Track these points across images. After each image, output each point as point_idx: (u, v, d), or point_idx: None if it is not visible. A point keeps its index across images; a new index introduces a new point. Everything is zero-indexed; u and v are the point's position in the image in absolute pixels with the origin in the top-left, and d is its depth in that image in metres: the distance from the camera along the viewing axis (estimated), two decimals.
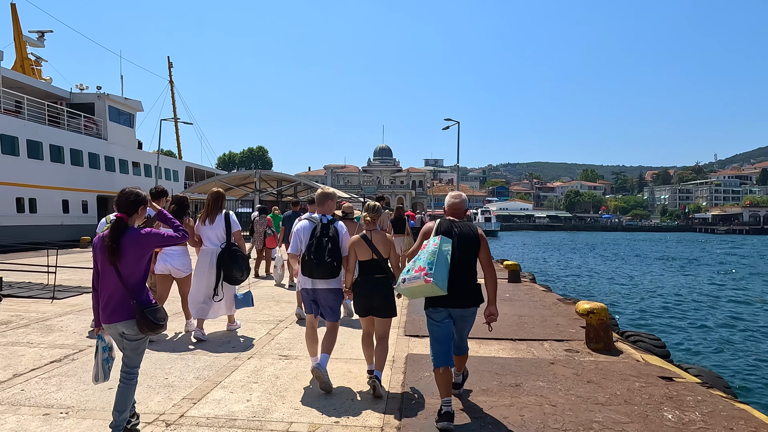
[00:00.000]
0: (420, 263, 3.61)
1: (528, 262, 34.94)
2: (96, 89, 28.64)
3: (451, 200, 4.16)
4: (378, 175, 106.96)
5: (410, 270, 3.67)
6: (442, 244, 3.67)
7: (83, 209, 25.51)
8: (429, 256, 3.60)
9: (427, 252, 3.65)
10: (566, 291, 19.62)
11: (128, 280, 3.15)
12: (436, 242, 3.69)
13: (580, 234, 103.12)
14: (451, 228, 3.87)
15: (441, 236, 3.75)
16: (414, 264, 3.68)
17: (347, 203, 7.84)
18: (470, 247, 3.85)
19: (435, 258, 3.57)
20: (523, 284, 11.68)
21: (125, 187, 3.37)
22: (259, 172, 27.60)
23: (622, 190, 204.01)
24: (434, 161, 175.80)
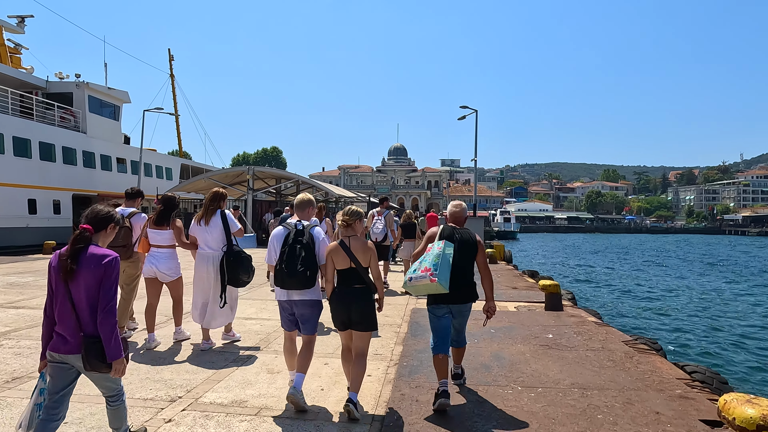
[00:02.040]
0: (426, 264, 4.12)
1: (555, 269, 31.46)
2: (75, 77, 26.03)
3: (452, 209, 4.74)
4: (392, 175, 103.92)
5: (417, 270, 4.17)
6: (446, 248, 4.20)
7: (54, 210, 22.86)
8: (434, 258, 4.11)
9: (432, 254, 4.16)
10: (626, 322, 14.88)
11: (80, 307, 2.73)
12: (440, 246, 4.20)
13: (603, 236, 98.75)
14: (453, 234, 4.42)
15: (444, 241, 4.28)
16: (420, 264, 4.18)
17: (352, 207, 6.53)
18: (469, 252, 4.46)
19: (439, 260, 4.08)
20: (567, 314, 8.49)
21: (98, 203, 3.06)
22: (252, 168, 24.71)
23: (644, 190, 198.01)
24: (451, 161, 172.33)
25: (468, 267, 4.48)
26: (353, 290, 4.04)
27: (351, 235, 4.14)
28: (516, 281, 12.71)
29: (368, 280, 4.08)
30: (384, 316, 8.10)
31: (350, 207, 4.35)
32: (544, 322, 7.73)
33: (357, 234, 4.17)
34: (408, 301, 9.61)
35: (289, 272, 3.99)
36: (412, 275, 4.19)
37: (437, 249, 4.17)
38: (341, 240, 4.11)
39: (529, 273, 16.04)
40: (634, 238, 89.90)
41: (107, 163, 26.96)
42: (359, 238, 4.14)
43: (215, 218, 5.60)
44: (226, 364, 5.32)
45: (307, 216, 4.39)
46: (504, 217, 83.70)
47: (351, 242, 4.09)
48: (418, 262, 4.26)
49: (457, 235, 4.41)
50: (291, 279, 4.00)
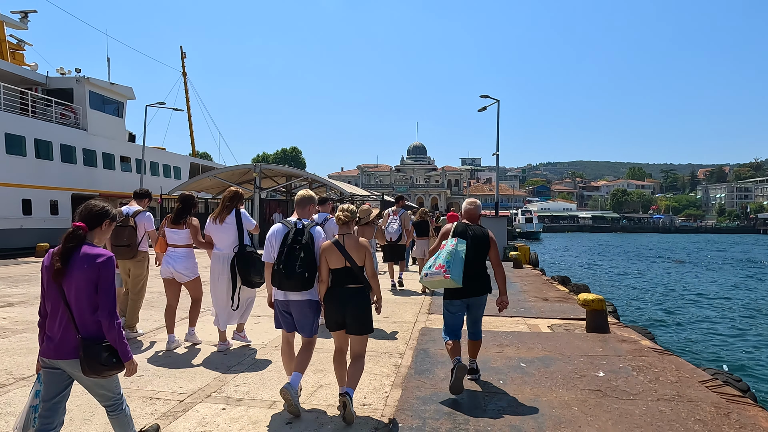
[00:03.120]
0: (440, 261, 4.35)
1: (586, 273, 29.33)
2: (75, 72, 24.97)
3: (466, 206, 4.88)
4: (411, 174, 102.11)
5: (431, 266, 4.40)
6: (458, 245, 4.39)
7: (51, 210, 21.77)
8: (447, 255, 4.33)
9: (445, 251, 4.37)
10: (688, 346, 11.97)
11: (75, 309, 2.61)
12: (453, 243, 4.41)
13: (630, 236, 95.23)
14: (466, 230, 4.58)
15: (457, 238, 4.47)
16: (435, 261, 4.40)
17: (366, 205, 6.90)
18: (482, 248, 4.60)
19: (452, 257, 4.30)
20: (616, 337, 6.71)
21: (92, 199, 2.89)
22: (259, 165, 23.28)
23: (672, 189, 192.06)
24: (471, 160, 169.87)
25: (481, 262, 4.64)
26: (348, 290, 3.91)
27: (346, 233, 4.00)
28: (546, 290, 10.93)
29: (363, 279, 3.94)
30: (383, 338, 6.47)
31: (349, 204, 4.18)
32: (588, 350, 5.99)
33: (351, 232, 4.03)
34: (417, 316, 7.96)
35: (287, 273, 3.86)
36: (427, 271, 4.44)
37: (450, 246, 4.40)
38: (335, 238, 3.98)
39: (559, 279, 14.20)
40: (662, 238, 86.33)
41: (110, 162, 25.85)
42: (353, 236, 4.01)
43: (230, 217, 5.49)
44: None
45: (308, 214, 4.29)
46: (526, 216, 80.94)
47: (345, 240, 3.95)
48: (433, 258, 4.48)
49: (470, 232, 4.59)
50: (289, 280, 3.86)
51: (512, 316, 8.07)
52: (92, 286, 2.63)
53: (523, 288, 11.24)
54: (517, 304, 9.13)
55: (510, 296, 9.79)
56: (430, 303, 9.17)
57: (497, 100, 21.16)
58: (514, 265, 15.44)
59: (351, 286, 3.91)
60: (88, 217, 2.76)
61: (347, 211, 4.04)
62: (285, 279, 3.87)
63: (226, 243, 5.51)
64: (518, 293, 10.42)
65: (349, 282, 3.91)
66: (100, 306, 2.63)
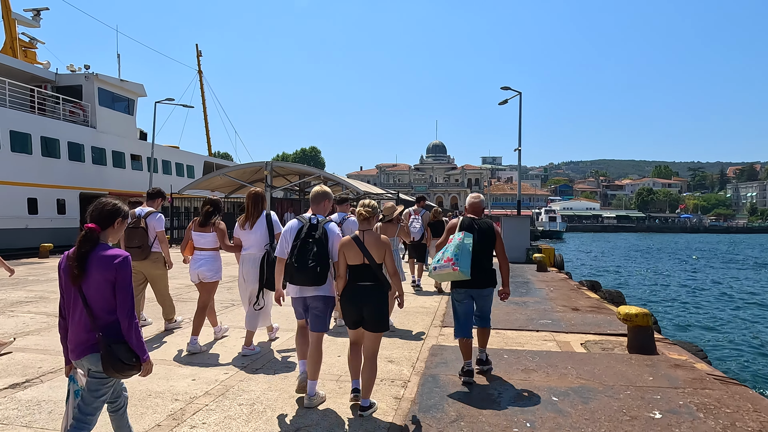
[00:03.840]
0: (448, 254, 4.44)
1: (614, 277, 27.84)
2: (84, 68, 24.48)
3: (471, 200, 5.01)
4: (430, 173, 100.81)
5: (440, 260, 4.48)
6: (465, 239, 4.51)
7: (59, 209, 21.26)
8: (455, 248, 4.44)
9: (453, 245, 4.48)
10: (752, 369, 10.48)
11: (94, 307, 2.63)
12: (460, 237, 4.52)
13: (657, 236, 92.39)
14: (472, 224, 4.70)
15: (464, 232, 4.59)
16: (443, 254, 4.50)
17: (388, 204, 7.35)
18: (488, 241, 4.72)
19: (460, 250, 4.42)
20: (666, 360, 5.56)
21: (102, 198, 2.84)
22: (270, 163, 22.47)
23: (700, 187, 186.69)
24: (492, 159, 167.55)
25: (487, 254, 4.74)
26: (365, 287, 3.85)
27: (366, 229, 3.97)
28: (575, 298, 9.77)
29: (382, 276, 3.89)
30: (385, 360, 5.45)
31: (371, 200, 4.12)
32: (635, 379, 4.86)
33: (372, 228, 4.01)
34: (429, 329, 6.91)
35: (299, 267, 3.86)
36: (436, 265, 4.53)
37: (458, 239, 4.53)
38: (355, 234, 3.95)
39: (588, 284, 12.96)
40: (691, 238, 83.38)
41: (120, 160, 25.32)
42: (374, 233, 3.98)
43: (260, 220, 5.39)
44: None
45: (322, 210, 4.26)
46: (549, 216, 78.95)
47: (365, 237, 3.91)
48: (441, 252, 4.58)
49: (476, 226, 4.70)
50: (300, 274, 3.87)
51: (538, 330, 6.96)
52: (110, 286, 2.64)
53: (549, 295, 10.09)
54: (544, 315, 8.01)
55: (536, 305, 8.68)
56: (444, 313, 8.11)
57: (519, 92, 19.93)
58: (538, 268, 14.24)
59: (368, 283, 3.84)
60: (99, 217, 2.74)
61: (368, 206, 3.99)
62: (296, 272, 3.87)
63: (255, 245, 5.42)
64: (544, 301, 9.29)
65: (366, 279, 3.85)
66: (119, 306, 2.65)
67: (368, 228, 3.97)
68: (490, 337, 5.27)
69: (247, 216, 5.42)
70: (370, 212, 3.98)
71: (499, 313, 8.06)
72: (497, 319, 7.53)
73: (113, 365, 2.60)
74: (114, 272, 2.63)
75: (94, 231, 2.67)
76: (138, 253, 6.06)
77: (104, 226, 2.74)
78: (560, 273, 14.39)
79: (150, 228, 6.23)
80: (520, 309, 8.50)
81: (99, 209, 2.75)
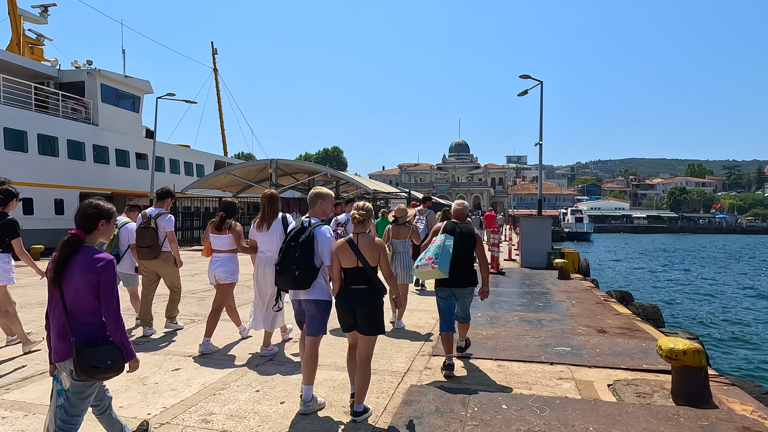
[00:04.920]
0: (429, 254, 4.82)
1: (646, 284, 25.79)
2: (86, 64, 23.76)
3: (455, 207, 5.41)
4: (453, 173, 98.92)
5: (422, 259, 4.85)
6: (446, 240, 4.91)
7: (56, 209, 20.52)
8: (436, 249, 4.83)
9: (434, 246, 4.88)
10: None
11: (73, 310, 2.65)
12: (441, 238, 4.93)
13: (691, 237, 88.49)
14: (454, 228, 5.11)
15: (446, 234, 5.00)
16: (425, 254, 4.88)
17: (401, 206, 7.31)
18: (468, 244, 5.10)
19: (440, 251, 4.79)
20: (727, 416, 4.03)
21: (86, 200, 2.85)
22: (275, 161, 21.31)
23: (736, 186, 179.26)
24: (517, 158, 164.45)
25: (468, 256, 5.12)
26: (358, 291, 3.84)
27: (360, 231, 3.95)
28: (601, 314, 8.22)
29: (377, 280, 3.87)
30: (343, 412, 4.08)
31: (365, 203, 4.09)
32: None
33: (367, 231, 3.98)
34: (413, 361, 5.51)
35: (280, 270, 3.90)
36: (418, 263, 4.88)
37: (439, 241, 4.92)
38: (349, 237, 3.92)
39: (617, 296, 11.32)
40: (729, 239, 79.50)
41: (124, 159, 24.55)
42: (368, 235, 3.95)
43: (276, 222, 5.37)
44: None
45: (319, 212, 4.18)
46: (576, 216, 76.00)
47: (359, 239, 3.89)
48: (424, 252, 4.97)
49: (458, 229, 5.12)
50: (281, 277, 3.91)
51: (553, 363, 5.49)
52: (91, 289, 2.65)
53: (570, 310, 8.56)
54: (562, 338, 6.52)
55: (553, 324, 7.19)
56: (434, 344, 6.68)
57: (540, 81, 18.30)
58: (560, 276, 12.65)
59: (362, 287, 3.83)
60: (81, 221, 2.75)
61: (362, 209, 4.00)
62: (278, 276, 3.91)
63: (272, 246, 5.35)
64: (564, 319, 7.78)
65: (360, 282, 3.84)
66: (104, 308, 2.67)
67: (363, 231, 3.95)
68: (490, 372, 5.13)
69: (263, 217, 5.37)
70: (364, 215, 3.95)
71: (508, 335, 6.60)
72: (504, 346, 6.09)
73: (85, 370, 2.57)
74: (97, 275, 2.62)
75: (76, 236, 2.68)
76: (148, 253, 6.30)
77: (88, 230, 2.74)
78: (585, 281, 12.75)
79: (160, 228, 6.36)
80: (534, 330, 7.02)
81: (81, 213, 2.75)
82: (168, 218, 6.43)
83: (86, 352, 2.58)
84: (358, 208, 4.01)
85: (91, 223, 2.74)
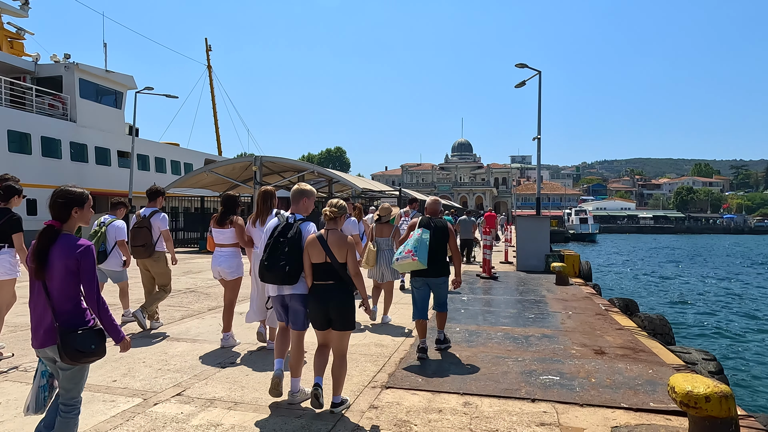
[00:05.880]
0: (408, 247, 5.21)
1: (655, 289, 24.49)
2: (64, 58, 22.73)
3: (428, 203, 5.84)
4: (455, 172, 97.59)
5: (402, 252, 5.24)
6: (423, 234, 5.29)
7: (28, 210, 19.48)
8: (414, 242, 5.21)
9: (413, 239, 5.26)
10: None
11: (55, 298, 2.70)
12: (419, 233, 5.31)
13: (698, 237, 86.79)
14: (429, 223, 5.50)
15: (422, 228, 5.38)
16: (404, 247, 5.27)
17: (385, 204, 7.51)
18: (442, 237, 5.48)
19: (419, 244, 5.18)
20: None
21: (56, 189, 2.84)
22: (260, 158, 20.21)
23: (744, 186, 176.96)
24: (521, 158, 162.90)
25: (441, 249, 5.49)
26: (328, 286, 3.88)
27: (331, 228, 4.00)
28: (601, 329, 7.05)
29: (345, 275, 3.89)
30: None
31: (338, 200, 4.14)
32: None
33: (339, 228, 4.05)
34: (369, 381, 4.34)
35: (269, 266, 3.89)
36: (398, 256, 5.27)
37: (417, 234, 5.30)
38: (320, 233, 3.97)
39: (620, 304, 10.10)
40: (738, 240, 77.78)
41: (104, 157, 23.51)
42: (338, 232, 4.00)
43: (270, 218, 4.98)
44: None
45: (302, 209, 4.22)
46: (580, 217, 74.36)
47: (329, 236, 3.94)
48: (403, 246, 5.34)
49: (433, 224, 5.49)
50: (269, 273, 3.90)
51: (534, 399, 4.32)
52: (72, 275, 2.69)
53: (565, 323, 7.38)
54: (552, 362, 5.36)
55: (542, 342, 6.32)
56: (402, 357, 5.53)
57: (539, 71, 17.10)
58: (558, 281, 11.47)
59: (331, 282, 3.86)
60: (54, 211, 2.77)
61: (335, 206, 4.02)
62: (266, 271, 3.90)
63: None
64: (556, 335, 6.61)
65: (328, 278, 3.86)
66: (86, 292, 2.73)
67: (334, 227, 4.00)
68: (453, 414, 4.02)
69: (258, 213, 5.36)
70: (336, 212, 4.02)
71: (486, 358, 5.48)
72: (478, 373, 4.94)
73: (70, 355, 2.62)
74: (76, 261, 2.67)
75: (51, 227, 2.72)
76: (142, 252, 6.43)
77: (63, 219, 2.77)
78: (585, 287, 11.55)
79: (154, 227, 6.49)
80: (519, 350, 5.87)
81: (52, 203, 2.76)
82: (162, 217, 6.57)
83: (71, 337, 2.62)
84: (331, 205, 4.03)
85: (64, 211, 2.76)
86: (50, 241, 2.69)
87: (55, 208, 2.75)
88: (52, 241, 2.69)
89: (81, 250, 2.68)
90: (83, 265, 2.68)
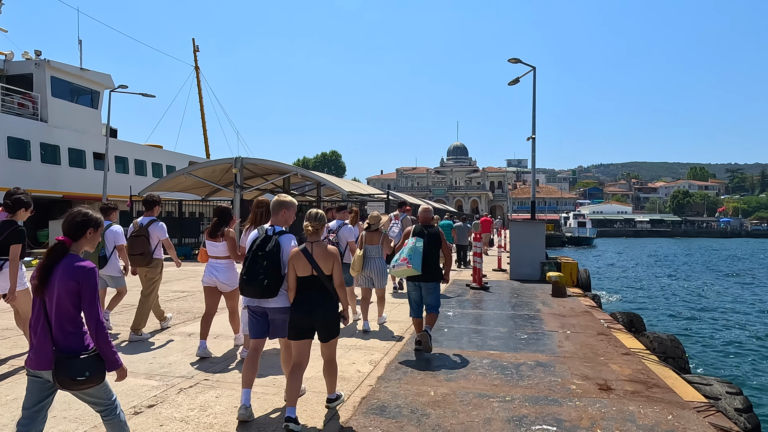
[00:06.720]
0: (404, 255, 5.78)
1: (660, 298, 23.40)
2: (35, 55, 21.64)
3: (420, 211, 6.42)
4: (451, 176, 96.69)
5: (397, 259, 5.83)
6: (417, 242, 5.85)
7: None
8: (409, 250, 5.77)
9: (407, 248, 5.82)
10: None
11: (54, 318, 2.64)
12: (413, 241, 5.88)
13: (695, 241, 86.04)
14: (422, 231, 6.02)
15: (416, 237, 5.94)
16: (400, 255, 5.84)
17: (374, 213, 7.57)
18: (435, 244, 6.01)
19: (413, 252, 5.75)
20: None
21: (75, 207, 2.86)
22: (240, 159, 19.17)
23: (739, 189, 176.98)
24: (518, 161, 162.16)
25: (434, 254, 6.00)
26: (314, 298, 3.88)
27: (315, 240, 3.98)
28: (604, 354, 6.01)
29: (330, 287, 3.92)
30: None
31: (317, 211, 4.14)
32: None
33: (321, 239, 4.04)
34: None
35: (248, 279, 3.84)
36: (394, 264, 5.86)
37: (411, 243, 5.86)
38: (304, 246, 3.94)
39: (624, 320, 9.04)
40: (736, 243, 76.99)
41: (79, 159, 22.39)
42: (322, 243, 3.99)
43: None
44: None
45: (281, 220, 4.12)
46: (578, 221, 73.37)
47: (314, 248, 3.92)
48: (398, 253, 5.92)
49: (426, 232, 6.01)
50: (248, 287, 3.85)
51: None
52: (73, 297, 2.64)
53: (562, 346, 6.34)
54: (546, 403, 4.32)
55: (537, 373, 5.46)
56: (372, 388, 4.47)
57: (533, 66, 16.13)
58: (554, 292, 10.44)
59: (317, 294, 3.88)
60: (69, 229, 2.76)
61: (314, 219, 4.02)
62: (245, 285, 3.86)
63: None
64: (553, 363, 5.57)
65: (315, 290, 3.88)
66: (86, 316, 2.67)
67: (317, 239, 3.99)
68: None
69: (251, 223, 5.17)
70: (317, 225, 4.02)
71: (465, 399, 4.42)
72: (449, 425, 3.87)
73: (62, 382, 2.58)
74: (77, 284, 2.62)
75: (63, 243, 2.70)
76: (140, 260, 6.45)
77: (76, 237, 2.76)
78: (584, 298, 10.52)
79: (152, 236, 6.51)
80: (507, 384, 4.83)
81: (68, 220, 2.76)
82: (159, 226, 6.60)
83: (65, 364, 2.57)
84: (311, 218, 4.01)
85: (78, 230, 2.76)
86: (57, 259, 2.66)
87: (72, 226, 2.74)
88: (59, 258, 2.66)
89: (84, 272, 2.63)
90: (84, 287, 2.63)
